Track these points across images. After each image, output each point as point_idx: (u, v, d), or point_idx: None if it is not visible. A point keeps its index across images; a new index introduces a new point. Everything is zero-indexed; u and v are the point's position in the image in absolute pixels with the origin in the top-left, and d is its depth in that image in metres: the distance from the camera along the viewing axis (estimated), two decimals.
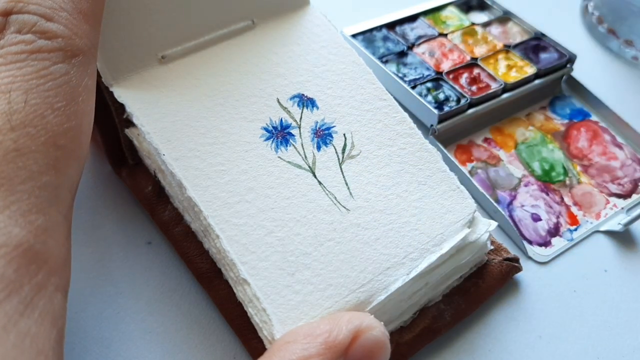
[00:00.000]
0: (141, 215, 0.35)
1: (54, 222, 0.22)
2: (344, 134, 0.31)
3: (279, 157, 0.30)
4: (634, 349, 0.33)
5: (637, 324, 0.34)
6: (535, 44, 0.49)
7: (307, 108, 0.32)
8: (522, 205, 0.40)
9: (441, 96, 0.43)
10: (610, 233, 0.39)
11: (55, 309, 0.21)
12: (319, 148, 0.30)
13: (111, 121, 0.32)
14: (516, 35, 0.50)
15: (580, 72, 0.49)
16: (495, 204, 0.38)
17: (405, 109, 0.43)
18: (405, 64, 0.46)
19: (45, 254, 0.21)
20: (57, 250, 0.22)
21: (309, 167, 0.30)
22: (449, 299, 0.32)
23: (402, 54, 0.46)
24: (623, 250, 0.38)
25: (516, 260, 0.34)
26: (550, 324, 0.34)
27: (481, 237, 0.31)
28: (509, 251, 0.35)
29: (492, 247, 0.34)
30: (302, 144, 0.30)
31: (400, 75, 0.44)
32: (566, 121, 0.46)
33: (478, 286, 0.33)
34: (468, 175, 0.40)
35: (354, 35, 0.47)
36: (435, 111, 0.41)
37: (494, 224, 0.32)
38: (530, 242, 0.38)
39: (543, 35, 0.49)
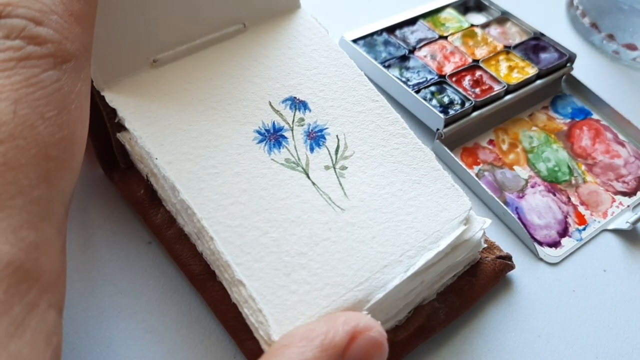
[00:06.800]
0: None
1: (47, 237, 0.21)
2: (337, 136, 0.31)
3: (272, 159, 0.30)
4: (633, 349, 0.33)
5: (636, 324, 0.34)
6: (534, 44, 0.49)
7: (299, 110, 0.32)
8: (531, 207, 0.40)
9: (445, 99, 0.43)
10: (618, 231, 0.39)
11: (49, 327, 0.20)
12: (312, 150, 0.31)
13: (102, 125, 0.32)
14: (515, 35, 0.50)
15: (577, 70, 0.49)
16: (504, 206, 0.38)
17: (410, 113, 0.44)
18: (407, 68, 0.46)
19: (38, 271, 0.20)
20: (50, 266, 0.21)
21: (303, 168, 0.30)
22: (443, 297, 0.32)
23: (404, 58, 0.47)
24: (631, 248, 0.38)
25: (509, 258, 0.34)
26: (549, 324, 0.34)
27: (475, 235, 0.31)
28: (501, 249, 0.35)
29: (485, 245, 0.34)
30: (295, 146, 0.30)
31: (403, 79, 0.44)
32: (568, 120, 0.46)
33: (472, 284, 0.33)
34: (476, 178, 0.40)
35: (354, 40, 0.47)
36: (441, 115, 0.41)
37: (488, 222, 0.32)
38: (540, 244, 0.37)
39: (542, 34, 0.49)
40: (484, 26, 0.51)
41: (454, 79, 0.45)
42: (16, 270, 0.19)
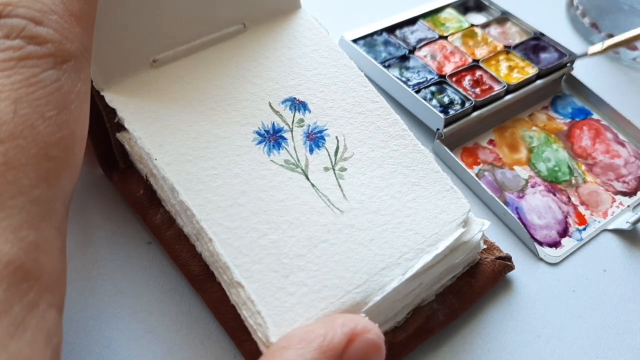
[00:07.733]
0: None
1: (47, 237, 0.21)
2: (337, 137, 0.31)
3: (271, 160, 0.30)
4: (633, 349, 0.33)
5: (636, 324, 0.34)
6: (535, 44, 0.49)
7: (299, 111, 0.32)
8: (531, 207, 0.40)
9: (445, 99, 0.43)
10: (618, 231, 0.39)
11: (49, 327, 0.20)
12: (311, 151, 0.31)
13: (102, 125, 0.32)
14: (515, 35, 0.50)
15: (578, 70, 0.49)
16: (504, 206, 0.38)
17: (410, 113, 0.44)
18: (407, 68, 0.46)
19: (38, 271, 0.20)
20: (51, 266, 0.21)
21: (302, 170, 0.30)
22: (443, 299, 0.32)
23: (404, 58, 0.46)
24: (631, 248, 0.38)
25: (508, 259, 0.34)
26: (549, 324, 0.34)
27: (474, 237, 0.31)
28: (501, 250, 0.35)
29: (484, 247, 0.34)
30: (294, 148, 0.30)
31: (403, 79, 0.44)
32: (568, 120, 0.46)
33: (471, 285, 0.33)
34: (476, 178, 0.40)
35: (354, 40, 0.47)
36: (441, 115, 0.41)
37: (487, 223, 0.32)
38: (540, 244, 0.37)
39: (542, 34, 0.49)
40: (484, 26, 0.51)
41: (454, 79, 0.45)
42: (16, 270, 0.19)
